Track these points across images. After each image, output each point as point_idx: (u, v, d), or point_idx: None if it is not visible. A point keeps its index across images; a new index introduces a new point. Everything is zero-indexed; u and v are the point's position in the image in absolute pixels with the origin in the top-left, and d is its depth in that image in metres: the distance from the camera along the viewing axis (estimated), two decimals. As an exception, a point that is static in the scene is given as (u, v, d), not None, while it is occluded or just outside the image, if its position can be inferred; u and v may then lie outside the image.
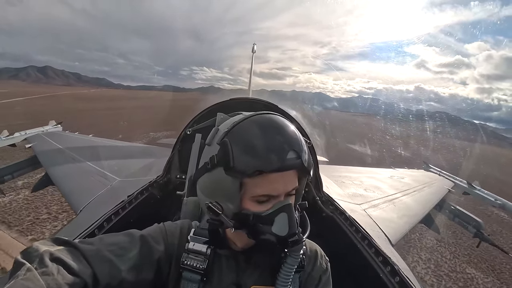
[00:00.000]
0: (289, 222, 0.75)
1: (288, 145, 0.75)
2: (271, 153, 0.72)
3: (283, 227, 0.75)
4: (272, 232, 0.76)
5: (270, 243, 0.76)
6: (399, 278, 1.57)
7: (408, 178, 5.30)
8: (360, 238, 1.98)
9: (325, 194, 2.50)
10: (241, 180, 0.74)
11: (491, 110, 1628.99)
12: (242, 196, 0.77)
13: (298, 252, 0.79)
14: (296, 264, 0.81)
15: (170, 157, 2.57)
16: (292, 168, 0.75)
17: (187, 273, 0.86)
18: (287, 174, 0.76)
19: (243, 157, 0.73)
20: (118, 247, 0.78)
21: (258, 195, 0.76)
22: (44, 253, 0.63)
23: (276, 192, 0.77)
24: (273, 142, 0.74)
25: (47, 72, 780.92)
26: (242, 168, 0.73)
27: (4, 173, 4.18)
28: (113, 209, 1.94)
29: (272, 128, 0.77)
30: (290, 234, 0.75)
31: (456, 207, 4.60)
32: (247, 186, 0.76)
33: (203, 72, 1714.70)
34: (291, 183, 0.79)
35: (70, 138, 5.52)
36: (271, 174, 0.74)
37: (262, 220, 0.77)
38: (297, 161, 0.75)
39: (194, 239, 0.89)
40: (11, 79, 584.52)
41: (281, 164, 0.73)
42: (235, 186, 0.75)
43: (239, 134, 0.76)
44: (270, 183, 0.75)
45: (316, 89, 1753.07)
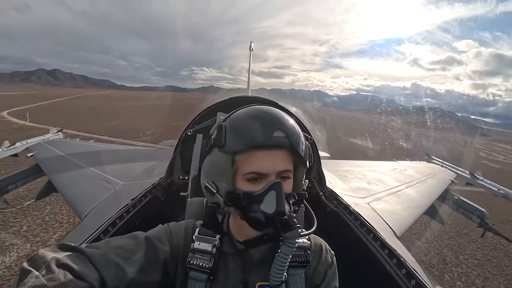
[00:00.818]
0: (276, 200, 0.76)
1: (276, 125, 0.79)
2: (259, 130, 0.77)
3: (271, 205, 0.76)
4: (260, 209, 0.77)
5: (258, 221, 0.78)
6: (405, 270, 1.57)
7: (411, 170, 5.29)
8: (365, 232, 1.98)
9: (329, 189, 2.50)
10: (233, 157, 0.79)
11: (487, 105, 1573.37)
12: (235, 176, 0.81)
13: (293, 239, 0.77)
14: (291, 254, 0.80)
15: (172, 158, 2.57)
16: (279, 146, 0.78)
17: (193, 272, 0.87)
18: (276, 153, 0.79)
19: (234, 135, 0.79)
20: (124, 250, 0.79)
21: (248, 173, 0.79)
22: (51, 259, 0.64)
23: (264, 170, 0.79)
24: (262, 121, 0.79)
25: (56, 75, 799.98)
26: (232, 144, 0.78)
27: (7, 183, 4.19)
28: (118, 213, 1.95)
29: (264, 112, 0.83)
30: (278, 212, 0.75)
31: (459, 198, 4.59)
32: (239, 164, 0.80)
33: (203, 72, 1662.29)
34: (281, 164, 0.80)
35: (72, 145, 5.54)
36: (259, 151, 0.78)
37: (253, 198, 0.78)
38: (284, 140, 0.78)
39: (199, 239, 0.90)
40: (23, 82, 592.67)
41: (266, 140, 0.77)
42: (228, 163, 0.80)
43: (234, 118, 0.84)
44: (258, 160, 0.78)
45: (314, 87, 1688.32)
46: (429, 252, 7.17)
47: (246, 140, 0.77)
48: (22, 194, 7.84)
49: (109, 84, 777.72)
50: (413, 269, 1.55)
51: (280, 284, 0.82)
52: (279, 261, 0.80)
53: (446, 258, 7.01)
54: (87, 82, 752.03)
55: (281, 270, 0.81)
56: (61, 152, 4.66)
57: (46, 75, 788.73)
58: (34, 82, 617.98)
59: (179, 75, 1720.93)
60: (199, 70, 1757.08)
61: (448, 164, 5.99)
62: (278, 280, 0.81)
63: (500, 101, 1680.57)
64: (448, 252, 7.35)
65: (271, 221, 0.76)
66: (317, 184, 2.48)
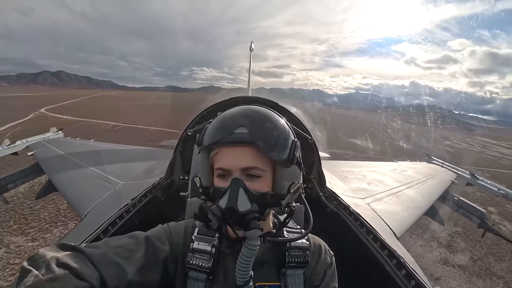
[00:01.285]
0: (229, 195, 0.77)
1: (240, 121, 0.80)
2: (222, 127, 0.81)
3: (224, 200, 0.77)
4: (218, 204, 0.79)
5: (215, 215, 0.80)
6: (405, 271, 1.57)
7: (411, 170, 5.28)
8: (365, 232, 1.98)
9: (329, 189, 2.50)
10: (208, 154, 0.86)
11: (484, 103, 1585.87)
12: (211, 172, 0.87)
13: (252, 241, 0.78)
14: (253, 256, 0.80)
15: (172, 158, 2.57)
16: (239, 141, 0.79)
17: (193, 272, 0.87)
18: (239, 150, 0.80)
19: (208, 133, 0.84)
20: (124, 249, 0.79)
21: (216, 169, 0.84)
22: (50, 259, 0.64)
23: (227, 166, 0.81)
24: (229, 119, 0.83)
25: (61, 76, 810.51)
26: (205, 142, 0.84)
27: (7, 182, 4.18)
28: (118, 212, 1.95)
29: (239, 111, 0.85)
30: (227, 208, 0.76)
31: (459, 198, 4.59)
32: (213, 161, 0.85)
33: (203, 72, 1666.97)
34: (244, 160, 0.80)
35: (72, 144, 5.54)
36: (225, 148, 0.81)
37: (218, 193, 0.81)
38: (246, 136, 0.78)
39: (199, 239, 0.90)
40: (29, 84, 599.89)
41: (227, 136, 0.79)
42: (204, 159, 0.86)
43: (215, 118, 0.88)
44: (223, 157, 0.82)
45: (314, 86, 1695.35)
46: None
47: (213, 136, 0.82)
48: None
49: (112, 85, 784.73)
50: (413, 270, 1.55)
51: (244, 284, 0.83)
52: (240, 262, 0.81)
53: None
54: (91, 83, 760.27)
55: (244, 271, 0.81)
56: (61, 151, 4.66)
57: (52, 76, 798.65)
58: (41, 84, 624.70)
59: (179, 75, 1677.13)
60: (199, 70, 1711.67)
61: (448, 165, 5.99)
62: (242, 280, 0.82)
63: (498, 99, 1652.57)
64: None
65: (223, 216, 0.77)
66: (317, 185, 2.48)
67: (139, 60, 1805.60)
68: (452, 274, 6.41)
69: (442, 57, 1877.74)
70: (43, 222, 6.76)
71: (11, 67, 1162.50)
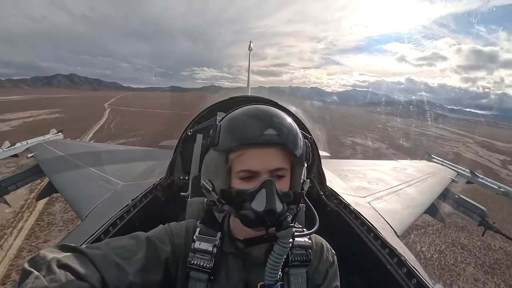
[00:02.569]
0: (266, 198, 0.76)
1: (267, 123, 0.79)
2: (250, 129, 0.78)
3: (261, 203, 0.76)
4: (251, 207, 0.77)
5: (248, 219, 0.78)
6: (406, 269, 1.57)
7: (411, 169, 5.28)
8: (365, 231, 1.98)
9: (329, 188, 2.50)
10: (226, 156, 0.80)
11: (479, 98, 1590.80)
12: (229, 174, 0.82)
13: (286, 239, 0.78)
14: (285, 254, 0.80)
15: (173, 159, 2.58)
16: (270, 143, 0.78)
17: (194, 272, 0.86)
18: (267, 152, 0.79)
19: (227, 134, 0.80)
20: (124, 250, 0.79)
21: (240, 171, 0.80)
22: (51, 260, 0.64)
23: (255, 168, 0.79)
24: (254, 120, 0.80)
25: (74, 79, 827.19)
26: (225, 143, 0.80)
27: (7, 184, 4.18)
28: (118, 213, 1.95)
29: (258, 111, 0.84)
30: (267, 211, 0.75)
31: (460, 196, 4.58)
32: (232, 163, 0.81)
33: (203, 72, 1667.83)
34: (273, 162, 0.80)
35: (72, 145, 5.53)
36: (251, 150, 0.78)
37: (245, 197, 0.79)
38: (276, 137, 0.78)
39: (200, 239, 0.90)
40: (46, 86, 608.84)
41: (258, 138, 0.77)
42: (221, 162, 0.81)
43: (229, 118, 0.85)
44: (249, 159, 0.79)
45: (312, 84, 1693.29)
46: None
47: (237, 138, 0.78)
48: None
49: (117, 86, 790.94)
50: (414, 268, 1.55)
51: (274, 283, 0.83)
52: (272, 260, 0.81)
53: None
54: (101, 85, 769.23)
55: (275, 270, 0.81)
56: (61, 152, 4.66)
57: (65, 79, 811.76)
58: (56, 86, 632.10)
59: (179, 75, 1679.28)
60: (199, 70, 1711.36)
61: (448, 163, 5.99)
62: (272, 280, 0.82)
63: (492, 93, 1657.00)
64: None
65: (261, 219, 0.76)
66: (317, 184, 2.48)
67: (141, 61, 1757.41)
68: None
69: (431, 54, 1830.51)
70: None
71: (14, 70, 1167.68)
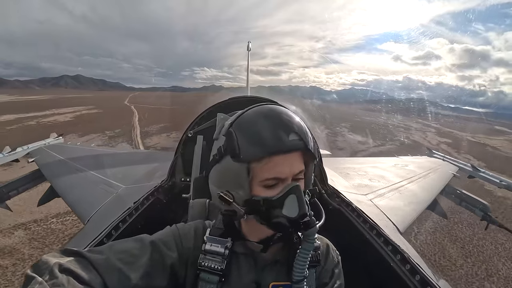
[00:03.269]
0: (298, 203, 0.76)
1: (289, 128, 0.77)
2: (274, 136, 0.75)
3: (293, 209, 0.76)
4: (283, 214, 0.77)
5: (282, 226, 0.78)
6: (409, 265, 1.56)
7: (412, 165, 5.27)
8: (368, 229, 1.98)
9: (331, 186, 2.49)
10: (248, 165, 0.77)
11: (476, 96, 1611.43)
12: (251, 182, 0.79)
13: (313, 236, 0.79)
14: (312, 249, 0.81)
15: (173, 160, 2.58)
16: (295, 149, 0.78)
17: (204, 274, 0.86)
18: (292, 156, 0.78)
19: (247, 142, 0.76)
20: (128, 254, 0.78)
21: (265, 179, 0.78)
22: (54, 265, 0.63)
23: (283, 175, 0.78)
24: (275, 126, 0.77)
25: (80, 80, 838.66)
26: (248, 153, 0.75)
27: (9, 189, 4.18)
28: (120, 216, 1.95)
29: (274, 114, 0.80)
30: (301, 215, 0.76)
31: (462, 191, 4.58)
32: (255, 172, 0.78)
33: (203, 71, 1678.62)
34: (297, 166, 0.80)
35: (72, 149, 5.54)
36: (276, 157, 0.76)
37: (273, 204, 0.78)
38: (299, 142, 0.77)
39: (211, 240, 0.89)
40: (54, 87, 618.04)
41: (284, 145, 0.75)
42: (243, 172, 0.77)
43: (243, 123, 0.80)
44: (275, 166, 0.77)
45: (311, 83, 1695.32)
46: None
47: (263, 147, 0.75)
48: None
49: (120, 86, 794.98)
50: (417, 264, 1.55)
51: (303, 279, 0.83)
52: (301, 257, 0.82)
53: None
54: (106, 85, 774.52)
55: (303, 266, 0.83)
56: (62, 156, 4.66)
57: (72, 80, 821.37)
58: (64, 87, 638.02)
59: (179, 75, 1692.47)
60: (199, 70, 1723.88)
61: (449, 158, 5.98)
62: (301, 275, 0.83)
63: (488, 91, 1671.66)
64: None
65: (295, 223, 0.77)
66: (318, 182, 2.48)
67: (141, 62, 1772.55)
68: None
69: (425, 53, 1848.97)
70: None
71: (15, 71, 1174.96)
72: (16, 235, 6.74)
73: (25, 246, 6.37)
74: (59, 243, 6.54)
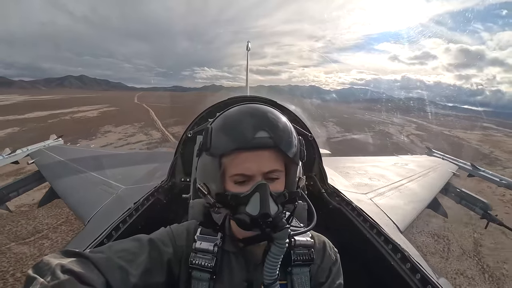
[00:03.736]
0: (260, 202, 0.76)
1: (260, 125, 0.78)
2: (241, 132, 0.76)
3: (254, 207, 0.77)
4: (245, 211, 0.78)
5: (244, 223, 0.78)
6: (410, 264, 1.57)
7: (412, 164, 5.27)
8: (368, 228, 1.98)
9: (331, 186, 2.50)
10: (220, 160, 0.79)
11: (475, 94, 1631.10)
12: (222, 177, 0.81)
13: (281, 240, 0.78)
14: (282, 254, 0.80)
15: (173, 161, 2.58)
16: (263, 146, 0.77)
17: (196, 272, 0.87)
18: (261, 154, 0.78)
19: (220, 137, 0.78)
20: (127, 253, 0.79)
21: (234, 175, 0.79)
22: (55, 266, 0.64)
23: (249, 172, 0.78)
24: (245, 122, 0.78)
25: (84, 80, 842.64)
26: (218, 147, 0.78)
27: (9, 191, 4.18)
28: (121, 217, 1.95)
29: (249, 112, 0.82)
30: (261, 214, 0.75)
31: (461, 190, 4.58)
32: (225, 166, 0.80)
33: (204, 71, 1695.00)
34: (267, 164, 0.79)
35: (72, 151, 5.53)
36: (244, 153, 0.77)
37: (239, 200, 0.79)
38: (268, 140, 0.77)
39: (201, 238, 0.91)
40: (59, 87, 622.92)
41: (249, 142, 0.76)
42: (215, 166, 0.80)
43: (220, 120, 0.83)
44: (243, 162, 0.78)
45: (310, 82, 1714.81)
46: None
47: (229, 142, 0.77)
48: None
49: (123, 86, 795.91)
50: (418, 263, 1.55)
51: (273, 283, 0.83)
52: (270, 260, 0.81)
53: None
54: (109, 86, 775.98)
55: (273, 269, 0.82)
56: (62, 158, 4.66)
57: (76, 80, 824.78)
58: (69, 87, 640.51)
59: (180, 75, 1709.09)
60: (199, 69, 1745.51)
61: (449, 157, 5.99)
62: (270, 279, 0.82)
63: (486, 90, 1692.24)
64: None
65: (256, 222, 0.77)
66: (319, 182, 2.49)
67: (141, 62, 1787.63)
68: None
69: (422, 53, 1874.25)
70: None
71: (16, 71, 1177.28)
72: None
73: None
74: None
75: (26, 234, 6.40)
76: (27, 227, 6.66)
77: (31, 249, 5.80)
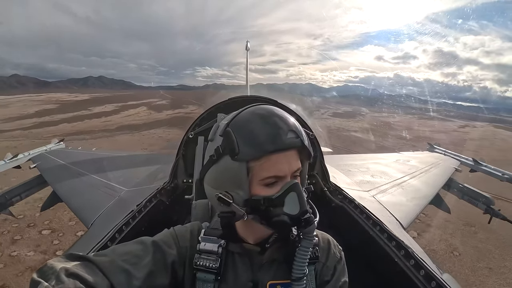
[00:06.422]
0: (299, 200, 0.77)
1: (287, 126, 0.78)
2: (272, 134, 0.76)
3: (294, 206, 0.76)
4: (284, 212, 0.77)
5: (284, 224, 0.78)
6: (414, 260, 1.56)
7: (414, 160, 5.26)
8: (371, 225, 1.98)
9: (333, 184, 2.49)
10: (248, 164, 0.77)
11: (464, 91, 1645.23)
12: (250, 182, 0.79)
13: (312, 233, 0.80)
14: (311, 246, 0.81)
15: (175, 162, 2.58)
16: (293, 146, 0.78)
17: (201, 273, 0.87)
18: (290, 154, 0.79)
19: (246, 141, 0.76)
20: (131, 255, 0.79)
21: (265, 178, 0.78)
22: (60, 270, 0.64)
23: (282, 173, 0.78)
24: (273, 125, 0.77)
25: (103, 81, 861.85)
26: (247, 151, 0.76)
27: (12, 195, 4.19)
28: (124, 219, 1.95)
29: (270, 114, 0.81)
30: (302, 212, 0.76)
31: (464, 185, 4.56)
32: (254, 171, 0.78)
33: (205, 70, 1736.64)
34: (295, 164, 0.81)
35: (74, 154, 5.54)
36: (275, 155, 0.76)
37: (273, 202, 0.78)
38: (296, 140, 0.78)
39: (205, 239, 0.90)
40: (85, 87, 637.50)
41: (282, 143, 0.76)
42: (243, 171, 0.77)
43: (240, 122, 0.80)
44: (275, 164, 0.77)
45: (307, 80, 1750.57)
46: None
47: (262, 146, 0.75)
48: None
49: (133, 86, 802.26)
50: (422, 259, 1.54)
51: (302, 277, 0.83)
52: (301, 254, 0.82)
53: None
54: (125, 85, 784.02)
55: (303, 263, 0.82)
56: (63, 161, 4.67)
57: (97, 81, 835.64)
58: (92, 87, 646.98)
59: (181, 73, 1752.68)
60: (201, 68, 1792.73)
61: (450, 153, 5.96)
62: (301, 273, 0.83)
63: (475, 86, 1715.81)
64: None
65: (297, 221, 0.77)
66: (321, 180, 2.48)
67: (145, 61, 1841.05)
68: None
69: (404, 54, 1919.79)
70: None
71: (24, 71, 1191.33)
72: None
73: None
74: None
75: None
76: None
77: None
